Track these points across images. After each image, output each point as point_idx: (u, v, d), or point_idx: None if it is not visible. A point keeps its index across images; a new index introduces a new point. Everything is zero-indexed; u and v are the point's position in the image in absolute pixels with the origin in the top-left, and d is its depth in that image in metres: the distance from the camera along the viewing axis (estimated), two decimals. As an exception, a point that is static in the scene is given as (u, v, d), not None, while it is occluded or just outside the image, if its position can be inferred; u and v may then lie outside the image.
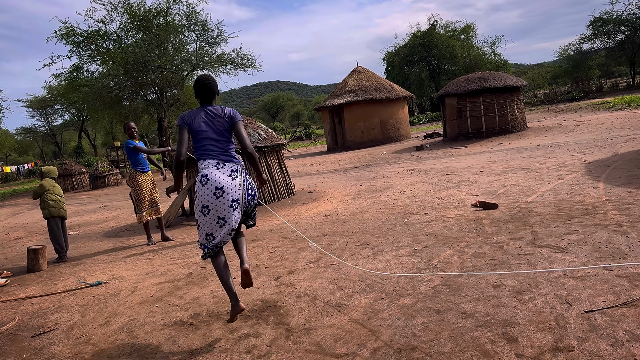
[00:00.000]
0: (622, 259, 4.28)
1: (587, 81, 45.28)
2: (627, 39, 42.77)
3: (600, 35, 43.80)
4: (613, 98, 27.30)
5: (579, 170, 8.82)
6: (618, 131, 14.14)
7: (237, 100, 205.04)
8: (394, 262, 5.07)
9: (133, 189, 7.66)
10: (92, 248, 8.28)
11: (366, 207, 8.32)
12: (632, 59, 43.74)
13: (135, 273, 6.11)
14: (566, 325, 3.27)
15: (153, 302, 4.92)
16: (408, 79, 51.16)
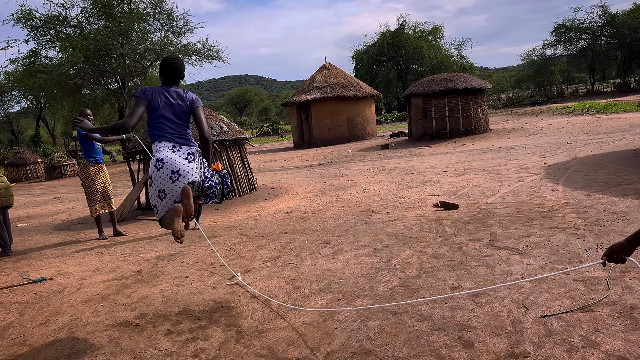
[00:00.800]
0: (579, 262, 4.27)
1: (549, 86, 46.60)
2: (587, 47, 44.16)
3: (562, 41, 45.12)
4: (573, 103, 28.09)
5: (539, 172, 8.93)
6: (577, 135, 14.48)
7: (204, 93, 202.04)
8: (353, 262, 4.95)
9: (84, 181, 7.31)
10: (39, 242, 7.87)
11: (329, 204, 8.19)
12: (592, 66, 45.23)
13: (82, 269, 5.80)
14: (522, 330, 3.21)
15: (98, 300, 4.65)
16: (376, 78, 51.40)
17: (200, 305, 4.25)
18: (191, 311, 4.14)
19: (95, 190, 7.27)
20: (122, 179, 16.57)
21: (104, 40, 23.97)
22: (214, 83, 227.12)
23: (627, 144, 11.16)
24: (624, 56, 42.80)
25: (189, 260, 5.68)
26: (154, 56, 26.61)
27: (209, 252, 5.96)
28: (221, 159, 9.57)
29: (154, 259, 5.92)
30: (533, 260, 4.44)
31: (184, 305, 4.29)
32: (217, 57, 28.14)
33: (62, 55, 26.65)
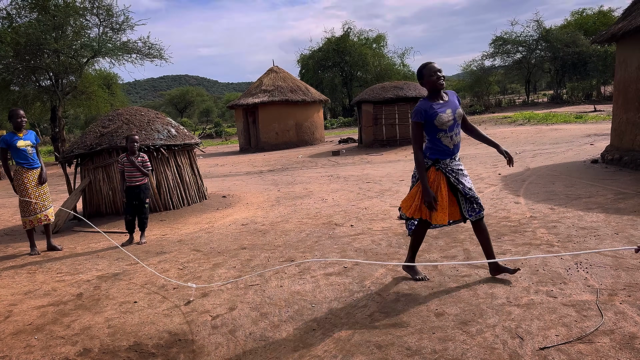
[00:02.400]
0: (563, 283, 4.08)
1: (487, 96, 48.25)
2: (523, 59, 46.11)
3: (500, 53, 46.81)
4: (512, 113, 29.08)
5: (496, 183, 8.90)
6: (524, 145, 14.81)
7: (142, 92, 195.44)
8: (324, 283, 4.55)
9: (18, 189, 6.47)
10: (-42, 257, 6.91)
11: (287, 215, 7.75)
12: (528, 78, 47.27)
13: (11, 292, 5.05)
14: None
15: (32, 332, 3.99)
16: (322, 83, 51.30)
17: (153, 337, 3.71)
18: (143, 345, 3.59)
19: (29, 199, 6.46)
20: (55, 183, 15.33)
21: (36, 34, 22.30)
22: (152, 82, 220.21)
23: (575, 155, 11.45)
24: (557, 69, 45.03)
25: (136, 281, 5.07)
26: (91, 53, 25.06)
27: (161, 270, 5.36)
28: (169, 165, 8.91)
29: (96, 279, 5.25)
30: (515, 282, 4.21)
31: (135, 337, 3.73)
32: (159, 56, 26.90)
33: (-13, 48, 24.60)
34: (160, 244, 6.61)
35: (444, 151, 4.16)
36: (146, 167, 6.73)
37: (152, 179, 8.52)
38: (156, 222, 8.05)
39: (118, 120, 8.91)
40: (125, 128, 8.65)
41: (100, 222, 8.36)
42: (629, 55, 8.97)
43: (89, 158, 8.71)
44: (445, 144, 4.15)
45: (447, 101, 4.14)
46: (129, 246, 6.65)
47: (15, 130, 6.46)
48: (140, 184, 6.69)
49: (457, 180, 4.17)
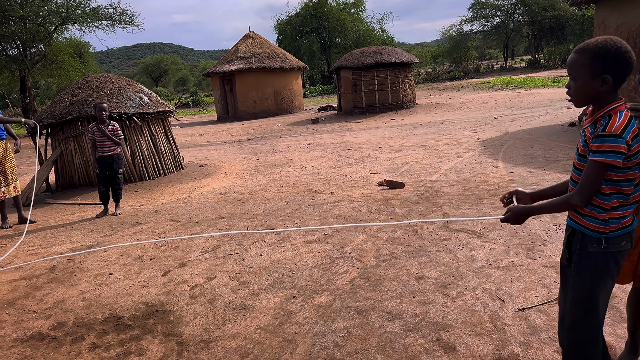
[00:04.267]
0: (543, 245, 4.10)
1: (465, 61, 48.11)
2: (502, 23, 45.90)
3: (479, 18, 46.49)
4: (491, 78, 29.09)
5: (475, 148, 8.89)
6: (502, 110, 14.83)
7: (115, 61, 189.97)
8: (304, 251, 4.50)
9: None
10: None
11: (266, 184, 7.64)
12: (506, 43, 47.17)
13: (-20, 267, 4.89)
14: (504, 328, 2.92)
15: (3, 307, 3.86)
16: (300, 50, 50.44)
17: (130, 309, 3.62)
18: (120, 317, 3.51)
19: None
20: (27, 155, 14.89)
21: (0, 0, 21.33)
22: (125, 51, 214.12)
23: (553, 119, 11.50)
24: (535, 33, 44.97)
25: (111, 253, 4.95)
26: (59, 19, 24.08)
27: (137, 241, 5.24)
28: (143, 134, 8.66)
29: (70, 251, 5.11)
30: (495, 244, 4.22)
31: (110, 310, 3.64)
32: (131, 22, 26.02)
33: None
34: (136, 215, 6.46)
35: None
36: (117, 136, 6.51)
37: (125, 149, 8.28)
38: (131, 192, 7.87)
39: (88, 89, 8.59)
40: (95, 96, 8.34)
41: (73, 194, 8.15)
42: (607, 16, 8.92)
43: (59, 128, 8.41)
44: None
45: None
46: (104, 218, 6.49)
47: None
48: (112, 153, 6.48)
49: None
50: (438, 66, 52.85)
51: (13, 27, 23.32)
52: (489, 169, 7.11)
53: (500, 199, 2.44)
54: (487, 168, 7.16)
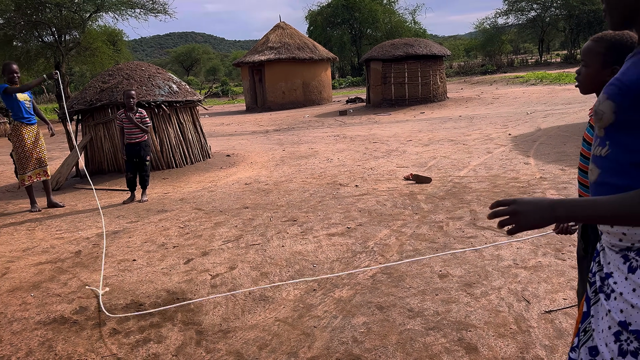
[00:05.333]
0: (572, 246, 3.95)
1: (499, 55, 47.10)
2: (538, 17, 44.70)
3: (514, 11, 45.36)
4: (525, 73, 28.42)
5: (505, 144, 8.67)
6: (535, 105, 14.45)
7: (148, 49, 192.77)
8: (326, 243, 4.45)
9: (16, 145, 6.35)
10: (-40, 213, 6.89)
11: (291, 175, 7.61)
12: (541, 37, 45.95)
13: (9, 249, 5.01)
14: (529, 330, 2.82)
15: (28, 289, 3.94)
16: (330, 41, 50.20)
17: (151, 296, 3.64)
18: (141, 304, 3.54)
19: (29, 155, 6.35)
20: (59, 140, 15.24)
21: (37, -13, 21.84)
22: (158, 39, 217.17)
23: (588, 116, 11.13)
24: (572, 28, 43.67)
25: (136, 239, 5.00)
26: (93, 7, 24.52)
27: (160, 229, 5.29)
28: (171, 122, 8.74)
29: (95, 237, 5.19)
30: (522, 244, 4.09)
31: (132, 296, 3.67)
32: (164, 11, 26.30)
33: (-11, 2, 24.14)
34: (161, 202, 6.52)
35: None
36: (145, 124, 6.57)
37: (153, 136, 8.37)
38: (158, 180, 7.95)
39: (118, 76, 8.70)
40: (125, 83, 8.44)
41: (102, 180, 8.28)
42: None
43: (89, 114, 8.55)
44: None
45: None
46: (130, 204, 6.57)
47: (9, 84, 6.25)
48: (139, 140, 6.54)
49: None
50: (471, 59, 51.90)
51: (49, 14, 23.83)
52: (520, 165, 6.92)
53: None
54: (518, 165, 6.97)
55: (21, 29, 24.51)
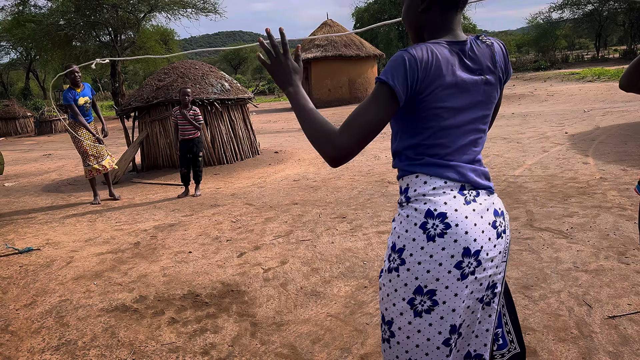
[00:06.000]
0: (637, 249, 3.78)
1: (553, 51, 45.47)
2: (595, 11, 42.86)
3: (569, 5, 43.67)
4: (581, 69, 27.31)
5: (562, 142, 8.38)
6: (593, 103, 13.87)
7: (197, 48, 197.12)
8: (376, 241, 4.44)
9: (74, 142, 6.67)
10: (27, 204, 7.29)
11: (339, 172, 7.63)
12: (599, 32, 44.03)
13: (73, 239, 5.26)
14: (591, 335, 2.72)
15: (91, 278, 4.13)
16: (376, 38, 49.84)
17: (207, 287, 3.74)
18: (197, 295, 3.64)
19: (85, 151, 6.65)
20: (115, 136, 15.86)
21: (95, -12, 22.80)
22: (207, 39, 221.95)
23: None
24: (632, 22, 41.62)
25: (191, 232, 5.15)
26: (147, 7, 25.37)
27: (213, 223, 5.42)
28: (222, 119, 8.92)
29: (153, 229, 5.38)
30: (583, 246, 3.94)
31: (189, 287, 3.78)
32: (214, 10, 26.91)
33: (51, 4, 25.41)
34: (214, 197, 6.68)
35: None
36: (198, 121, 6.74)
37: (206, 133, 8.58)
38: (210, 175, 8.14)
39: (173, 74, 8.96)
40: (180, 82, 8.69)
41: (157, 175, 8.57)
42: None
43: (145, 111, 8.85)
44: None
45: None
46: (184, 198, 6.76)
47: (73, 85, 6.56)
48: (193, 137, 6.72)
49: None
50: (523, 55, 50.31)
51: (106, 14, 24.81)
52: (578, 165, 6.67)
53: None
54: (576, 164, 6.72)
55: (80, 29, 25.65)
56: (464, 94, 1.46)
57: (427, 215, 1.43)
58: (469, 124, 1.49)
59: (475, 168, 1.52)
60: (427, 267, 1.42)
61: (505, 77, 1.60)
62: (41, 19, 24.16)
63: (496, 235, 1.50)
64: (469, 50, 1.47)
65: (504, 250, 1.55)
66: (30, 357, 2.97)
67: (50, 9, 25.14)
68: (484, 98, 1.51)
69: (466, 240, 1.42)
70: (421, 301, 1.44)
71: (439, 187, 1.46)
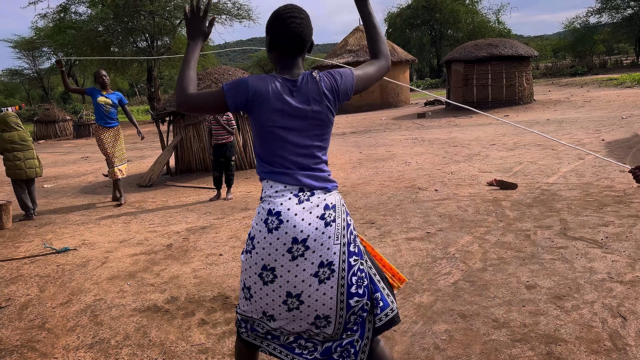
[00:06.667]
0: (676, 262, 3.65)
1: (590, 56, 44.26)
2: (635, 15, 41.51)
3: (608, 9, 42.43)
4: (619, 75, 26.50)
5: (598, 150, 8.16)
6: (632, 109, 13.45)
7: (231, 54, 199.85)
8: (405, 247, 4.42)
9: (98, 145, 7.02)
10: (65, 205, 7.54)
11: (368, 178, 7.62)
12: (638, 36, 42.64)
13: (108, 240, 5.42)
14: (625, 348, 2.65)
15: (125, 278, 4.25)
16: (409, 43, 49.65)
17: (236, 290, 3.80)
18: (227, 297, 3.70)
19: (106, 154, 6.99)
20: (150, 140, 16.25)
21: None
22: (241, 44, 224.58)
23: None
24: (675, 26, 40.18)
25: (222, 235, 5.23)
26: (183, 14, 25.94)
27: (244, 226, 5.49)
28: (254, 124, 9.04)
29: (185, 231, 5.49)
30: (618, 256, 3.83)
31: (219, 289, 3.85)
32: (248, 17, 27.28)
33: (91, 11, 26.25)
34: (245, 201, 6.77)
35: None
36: (231, 126, 6.85)
37: (238, 137, 8.70)
38: (242, 179, 8.26)
39: (207, 80, 9.13)
40: (214, 87, 8.85)
41: (190, 178, 8.74)
42: None
43: (180, 116, 9.04)
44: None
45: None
46: (217, 201, 6.88)
47: (102, 88, 6.92)
48: (226, 141, 6.83)
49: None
50: (559, 60, 49.18)
51: (143, 21, 25.46)
52: (614, 173, 6.48)
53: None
54: (612, 173, 6.53)
55: (118, 36, 26.40)
56: (294, 117, 1.92)
57: (268, 213, 1.92)
58: (304, 140, 1.96)
59: (311, 174, 1.97)
60: (268, 251, 1.92)
61: (338, 99, 2.03)
62: (81, 26, 25.01)
63: (324, 225, 1.92)
64: (299, 86, 1.95)
65: (335, 234, 1.93)
66: (65, 355, 3.08)
67: (90, 15, 25.99)
68: (314, 121, 1.96)
69: (294, 232, 1.89)
70: (267, 275, 1.94)
71: (280, 190, 1.93)
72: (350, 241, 2.00)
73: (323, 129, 2.01)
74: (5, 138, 6.45)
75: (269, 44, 2.02)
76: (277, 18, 1.97)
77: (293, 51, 1.99)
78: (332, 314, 1.98)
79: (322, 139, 2.02)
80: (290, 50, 1.98)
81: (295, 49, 1.99)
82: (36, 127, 24.85)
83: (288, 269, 1.92)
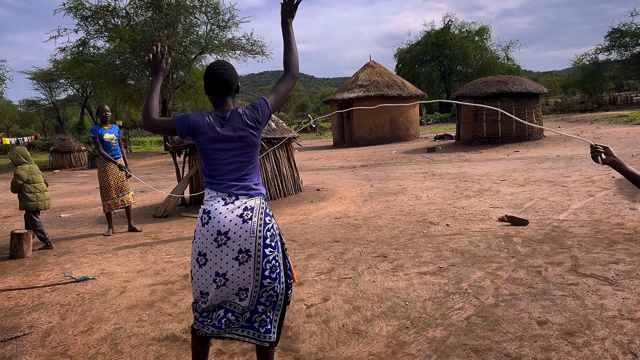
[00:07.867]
0: (687, 300, 3.69)
1: (599, 92, 44.52)
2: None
3: (617, 46, 42.90)
4: (629, 112, 26.65)
5: (609, 187, 8.22)
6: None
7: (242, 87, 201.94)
8: (417, 282, 4.49)
9: (99, 176, 7.28)
10: (82, 235, 7.70)
11: (380, 211, 7.72)
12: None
13: (126, 269, 5.54)
14: (638, 386, 2.69)
15: (143, 307, 4.34)
16: (418, 78, 50.39)
17: (252, 321, 3.87)
18: (242, 328, 3.77)
19: (108, 186, 7.23)
20: (164, 171, 16.50)
21: (150, 31, 24.11)
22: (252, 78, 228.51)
23: None
24: (684, 63, 40.44)
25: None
26: (198, 49, 26.62)
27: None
28: (268, 157, 9.24)
29: (200, 262, 5.59)
30: (629, 294, 3.88)
31: (235, 320, 3.92)
32: (261, 52, 27.96)
33: (109, 45, 27.04)
34: (258, 233, 6.88)
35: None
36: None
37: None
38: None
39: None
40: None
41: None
42: None
43: (195, 149, 9.26)
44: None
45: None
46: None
47: (102, 123, 7.23)
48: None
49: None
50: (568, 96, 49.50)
51: (160, 55, 26.15)
52: (625, 211, 6.54)
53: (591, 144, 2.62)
54: (623, 210, 6.59)
55: (135, 69, 27.09)
56: (224, 142, 2.59)
57: (202, 212, 2.60)
58: (232, 158, 2.62)
59: (237, 184, 2.61)
60: (202, 240, 2.58)
61: (259, 124, 2.66)
62: (99, 59, 25.71)
63: (242, 222, 2.54)
64: (227, 119, 2.61)
65: (251, 229, 2.54)
66: (89, 381, 3.16)
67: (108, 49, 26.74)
68: (240, 144, 2.61)
69: (218, 226, 2.53)
70: (200, 259, 2.59)
71: (213, 196, 2.61)
72: (266, 236, 2.59)
73: (249, 149, 2.65)
74: (26, 170, 6.66)
75: (205, 89, 2.71)
76: (208, 70, 2.68)
77: (222, 94, 2.66)
78: (250, 287, 2.57)
79: (248, 157, 2.67)
80: (220, 94, 2.66)
81: (224, 92, 2.66)
82: (52, 157, 25.32)
83: (215, 254, 2.55)
